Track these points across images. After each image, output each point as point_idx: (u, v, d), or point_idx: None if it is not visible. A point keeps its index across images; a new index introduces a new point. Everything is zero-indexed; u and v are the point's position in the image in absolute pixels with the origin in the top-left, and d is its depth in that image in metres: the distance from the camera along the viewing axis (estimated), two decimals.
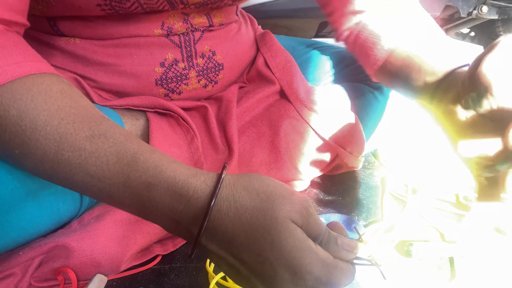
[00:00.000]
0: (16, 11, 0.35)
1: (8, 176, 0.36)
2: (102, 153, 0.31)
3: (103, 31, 0.49)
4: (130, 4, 0.45)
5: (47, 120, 0.31)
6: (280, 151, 0.60)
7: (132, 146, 0.32)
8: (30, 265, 0.44)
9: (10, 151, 0.32)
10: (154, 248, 0.53)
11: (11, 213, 0.38)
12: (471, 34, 1.85)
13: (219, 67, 0.59)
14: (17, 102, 0.31)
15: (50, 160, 0.31)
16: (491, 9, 1.47)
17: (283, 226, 0.28)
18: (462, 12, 1.45)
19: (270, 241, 0.28)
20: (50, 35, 0.50)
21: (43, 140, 0.31)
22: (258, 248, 0.29)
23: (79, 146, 0.31)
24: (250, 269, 0.30)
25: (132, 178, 0.30)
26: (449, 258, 0.54)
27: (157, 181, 0.30)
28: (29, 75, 0.32)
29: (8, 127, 0.31)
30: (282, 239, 0.28)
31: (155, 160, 0.31)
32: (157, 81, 0.54)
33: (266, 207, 0.29)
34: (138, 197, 0.31)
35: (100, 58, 0.51)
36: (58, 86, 0.33)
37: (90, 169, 0.31)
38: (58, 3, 0.43)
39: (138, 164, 0.31)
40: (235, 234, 0.29)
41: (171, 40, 0.53)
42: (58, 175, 0.32)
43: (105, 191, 0.31)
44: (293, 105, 0.62)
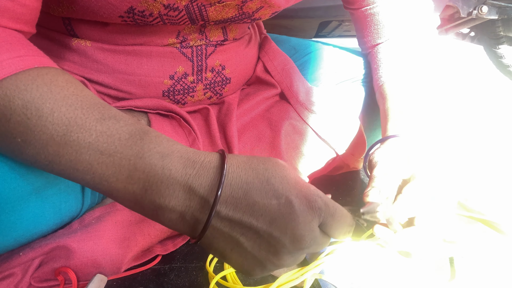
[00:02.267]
0: (24, 20, 0.35)
1: (10, 175, 0.36)
2: (115, 131, 0.31)
3: (118, 35, 0.49)
4: (152, 19, 0.45)
5: (53, 107, 0.31)
6: (280, 152, 0.60)
7: (142, 126, 0.33)
8: (30, 266, 0.44)
9: (12, 140, 0.32)
10: (154, 248, 0.53)
11: (13, 212, 0.38)
12: (471, 34, 1.85)
13: (227, 81, 0.59)
14: (22, 93, 0.31)
15: (56, 143, 0.31)
16: (491, 9, 1.47)
17: (285, 166, 0.33)
18: (462, 12, 1.45)
19: (279, 177, 0.32)
20: (63, 34, 0.49)
21: (50, 125, 0.31)
22: (272, 187, 0.31)
23: (89, 127, 0.31)
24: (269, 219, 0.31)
25: (145, 149, 0.31)
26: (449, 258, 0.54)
27: (170, 151, 0.32)
28: (34, 68, 0.32)
29: (12, 117, 0.31)
30: (287, 174, 0.32)
31: (165, 137, 0.33)
32: (164, 93, 0.54)
33: (266, 158, 0.34)
34: (150, 167, 0.30)
35: (110, 64, 0.50)
36: (63, 77, 0.33)
37: (100, 146, 0.31)
38: (80, 10, 0.43)
39: (151, 138, 0.32)
40: (249, 182, 0.31)
41: (183, 53, 0.53)
42: (61, 158, 0.31)
43: (113, 166, 0.31)
44: (293, 107, 0.62)
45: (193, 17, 0.47)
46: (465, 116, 0.85)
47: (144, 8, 0.43)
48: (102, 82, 0.51)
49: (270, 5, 0.51)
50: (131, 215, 0.50)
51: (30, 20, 0.36)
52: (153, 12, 0.44)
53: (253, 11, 0.51)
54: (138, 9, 0.42)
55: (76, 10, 0.43)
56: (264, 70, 0.66)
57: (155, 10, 0.43)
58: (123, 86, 0.52)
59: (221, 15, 0.49)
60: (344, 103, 0.65)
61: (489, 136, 0.88)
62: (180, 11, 0.45)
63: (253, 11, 0.51)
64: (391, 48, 0.62)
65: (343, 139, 0.62)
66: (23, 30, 0.36)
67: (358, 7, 0.63)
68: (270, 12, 0.53)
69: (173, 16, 0.46)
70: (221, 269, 0.51)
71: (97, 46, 0.49)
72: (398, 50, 0.62)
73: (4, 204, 0.36)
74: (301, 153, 0.61)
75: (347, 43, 1.48)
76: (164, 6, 0.43)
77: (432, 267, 0.53)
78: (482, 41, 1.79)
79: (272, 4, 0.51)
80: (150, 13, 0.44)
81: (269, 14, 0.54)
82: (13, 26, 0.34)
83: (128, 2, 0.41)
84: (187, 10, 0.46)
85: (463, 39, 1.85)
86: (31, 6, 0.35)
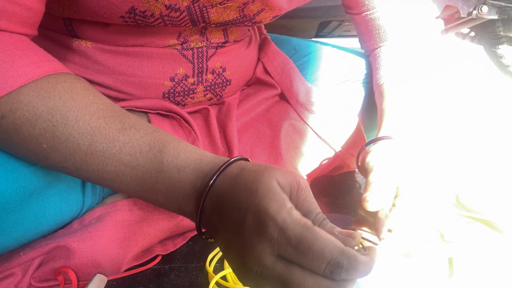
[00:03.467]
0: (29, 24, 0.36)
1: (12, 176, 0.36)
2: (136, 142, 0.34)
3: (119, 36, 0.49)
4: (153, 20, 0.45)
5: (78, 116, 0.33)
6: (280, 152, 0.60)
7: (161, 135, 0.35)
8: (30, 265, 0.44)
9: (37, 146, 0.33)
10: (154, 248, 0.53)
11: (14, 213, 0.38)
12: (471, 34, 1.85)
13: (227, 83, 0.59)
14: (45, 100, 0.32)
15: (83, 153, 0.33)
16: (491, 9, 1.46)
17: (264, 181, 0.29)
18: (462, 12, 1.45)
19: (249, 191, 0.29)
20: (64, 35, 0.49)
21: (76, 134, 0.33)
22: (237, 200, 0.29)
23: (112, 137, 0.33)
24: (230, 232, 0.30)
25: (165, 163, 0.33)
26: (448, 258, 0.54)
27: (186, 164, 0.33)
28: (50, 74, 0.33)
29: (37, 123, 0.32)
30: (258, 190, 0.28)
31: (183, 146, 0.35)
32: (164, 94, 0.54)
33: (260, 169, 0.31)
34: (169, 180, 0.33)
35: (111, 65, 0.50)
36: (81, 84, 0.35)
37: (124, 158, 0.33)
38: (81, 10, 0.43)
39: (169, 150, 0.34)
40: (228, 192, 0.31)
41: (184, 55, 0.53)
42: (89, 167, 0.34)
43: (137, 178, 0.34)
44: (293, 107, 0.62)
45: (194, 19, 0.47)
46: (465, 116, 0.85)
47: (146, 9, 0.43)
48: (103, 83, 0.51)
49: (271, 7, 0.51)
50: (131, 215, 0.50)
51: (35, 23, 0.37)
52: (155, 12, 0.43)
53: (254, 13, 0.51)
54: (140, 9, 0.42)
55: (77, 10, 0.43)
56: (264, 71, 0.66)
57: (156, 11, 0.43)
58: (123, 88, 0.52)
59: (222, 17, 0.49)
60: (344, 103, 0.65)
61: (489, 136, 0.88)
62: (181, 12, 0.45)
63: (254, 13, 0.51)
64: (392, 50, 0.63)
65: (342, 139, 0.62)
66: (28, 33, 0.36)
67: (358, 12, 0.64)
68: (271, 16, 0.53)
69: (174, 17, 0.46)
70: (221, 269, 0.51)
71: (97, 47, 0.49)
72: (399, 52, 0.63)
73: (5, 204, 0.36)
74: (301, 153, 0.61)
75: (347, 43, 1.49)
76: (166, 7, 0.43)
77: (431, 266, 0.53)
78: (482, 41, 1.79)
79: (273, 6, 0.51)
80: (151, 13, 0.43)
81: (270, 18, 0.54)
82: (19, 30, 0.34)
83: (129, 2, 0.41)
84: (189, 11, 0.46)
85: (463, 39, 1.85)
86: (37, 10, 0.35)
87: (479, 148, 0.80)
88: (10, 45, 0.32)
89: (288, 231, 0.26)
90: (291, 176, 0.30)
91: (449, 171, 0.73)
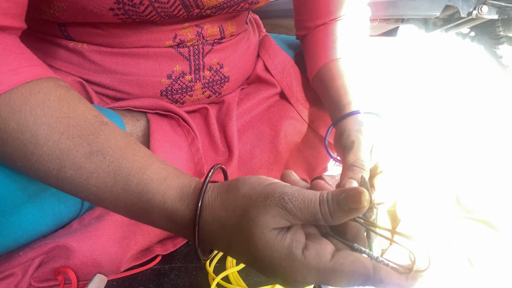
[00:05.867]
0: (12, 15, 0.35)
1: (11, 178, 0.36)
2: (101, 173, 0.32)
3: (114, 40, 0.49)
4: (144, 8, 0.44)
5: (48, 134, 0.31)
6: (281, 152, 0.60)
7: (126, 164, 0.33)
8: (30, 265, 0.44)
9: (12, 164, 0.33)
10: (154, 248, 0.53)
11: (13, 214, 0.38)
12: (471, 34, 1.85)
13: (225, 79, 0.59)
14: (16, 115, 0.31)
15: (54, 176, 0.32)
16: (491, 9, 1.47)
17: (259, 240, 0.28)
18: (462, 12, 1.45)
19: (251, 255, 0.29)
20: (59, 38, 0.49)
21: (45, 156, 0.32)
22: (247, 257, 0.30)
23: (80, 164, 0.32)
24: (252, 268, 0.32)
25: (129, 204, 0.33)
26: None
27: (150, 208, 0.32)
28: (26, 83, 0.32)
29: (9, 141, 0.31)
30: (259, 253, 0.28)
31: (146, 182, 0.32)
32: (162, 92, 0.54)
33: (242, 224, 0.29)
34: (140, 219, 0.34)
35: (107, 65, 0.50)
36: (55, 93, 0.33)
37: (92, 190, 0.33)
38: (70, 7, 0.42)
39: (132, 189, 0.32)
40: (226, 248, 0.32)
41: (180, 52, 0.52)
42: (64, 190, 0.34)
43: (110, 207, 0.34)
44: (293, 106, 0.62)
45: (186, 3, 0.46)
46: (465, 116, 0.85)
47: None
48: (100, 83, 0.51)
49: None
50: None
51: (18, 14, 0.36)
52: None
53: None
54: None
55: (67, 8, 0.42)
56: (265, 69, 0.66)
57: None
58: (120, 86, 0.52)
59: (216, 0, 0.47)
60: None
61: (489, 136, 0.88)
62: None
63: None
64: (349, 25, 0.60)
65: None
66: (14, 26, 0.35)
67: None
68: None
69: (164, 3, 0.44)
70: (221, 269, 0.51)
71: (93, 49, 0.49)
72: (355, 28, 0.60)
73: (3, 206, 0.36)
74: (301, 153, 0.61)
75: None
76: None
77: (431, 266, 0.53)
78: (482, 41, 1.79)
79: None
80: (140, 1, 0.42)
81: None
82: (2, 22, 0.33)
83: None
84: None
85: (463, 39, 1.85)
86: (16, 0, 0.34)
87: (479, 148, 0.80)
88: None
89: (313, 281, 0.28)
90: (274, 209, 0.28)
91: (449, 172, 0.73)
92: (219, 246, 0.32)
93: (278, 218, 0.28)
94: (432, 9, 1.43)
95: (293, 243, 0.28)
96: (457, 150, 0.75)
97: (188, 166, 0.53)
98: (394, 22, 1.53)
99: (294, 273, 0.28)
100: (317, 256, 0.28)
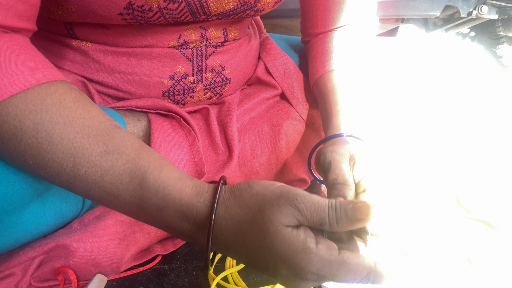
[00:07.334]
0: (27, 17, 0.35)
1: (15, 177, 0.36)
2: (117, 171, 0.33)
3: (119, 39, 0.49)
4: (152, 14, 0.44)
5: (63, 133, 0.32)
6: (281, 152, 0.60)
7: (143, 163, 0.33)
8: (30, 265, 0.44)
9: (24, 161, 0.33)
10: (154, 248, 0.53)
11: (15, 213, 0.38)
12: (471, 34, 1.85)
13: (227, 81, 0.59)
14: (32, 114, 0.31)
15: (67, 174, 0.33)
16: (491, 9, 1.47)
17: (275, 235, 0.30)
18: (462, 12, 1.45)
19: (267, 249, 0.30)
20: (63, 36, 0.49)
21: (60, 154, 0.32)
22: (259, 255, 0.31)
23: (94, 162, 0.32)
24: (256, 267, 0.33)
25: (144, 200, 0.33)
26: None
27: (165, 204, 0.33)
28: (42, 83, 0.33)
29: (23, 138, 0.31)
30: (276, 246, 0.30)
31: (163, 180, 0.33)
32: (164, 93, 0.54)
33: (258, 220, 0.30)
34: (152, 217, 0.34)
35: (110, 64, 0.50)
36: (71, 95, 0.34)
37: (105, 187, 0.33)
38: (79, 10, 0.42)
39: (149, 185, 0.33)
40: (238, 245, 0.32)
41: (184, 53, 0.52)
42: (74, 188, 0.34)
43: (120, 206, 0.34)
44: (293, 107, 0.62)
45: (193, 10, 0.46)
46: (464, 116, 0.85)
47: (143, 2, 0.42)
48: (102, 82, 0.51)
49: None
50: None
51: (32, 16, 0.36)
52: (153, 6, 0.43)
53: (255, 0, 0.50)
54: (137, 4, 0.42)
55: (76, 11, 0.43)
56: (266, 71, 0.66)
57: (154, 4, 0.43)
58: (123, 86, 0.52)
59: (222, 6, 0.48)
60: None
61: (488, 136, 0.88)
62: (179, 3, 0.45)
63: (255, 0, 0.50)
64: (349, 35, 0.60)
65: None
66: (27, 28, 0.36)
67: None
68: (273, 1, 0.52)
69: (173, 10, 0.45)
70: (221, 269, 0.51)
71: (97, 48, 0.49)
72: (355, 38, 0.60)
73: (6, 206, 0.36)
74: (301, 153, 0.61)
75: None
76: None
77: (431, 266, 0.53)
78: (482, 41, 1.79)
79: None
80: (149, 7, 0.43)
81: (272, 3, 0.52)
82: (18, 24, 0.34)
83: None
84: (187, 2, 0.45)
85: (463, 39, 1.85)
86: (32, 2, 0.35)
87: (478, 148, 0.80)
88: (7, 50, 0.32)
89: (325, 274, 0.30)
90: (288, 207, 0.30)
91: (449, 172, 0.73)
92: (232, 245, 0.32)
93: (290, 217, 0.30)
94: (432, 9, 1.43)
95: (307, 238, 0.30)
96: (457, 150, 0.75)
97: (188, 166, 0.53)
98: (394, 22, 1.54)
99: (310, 264, 0.29)
100: (328, 249, 0.30)
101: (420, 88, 0.63)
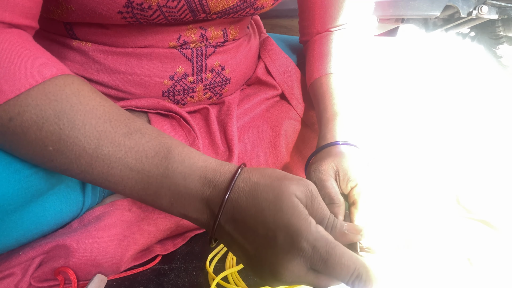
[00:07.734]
0: (32, 15, 0.36)
1: (15, 177, 0.36)
2: (141, 147, 0.34)
3: (119, 39, 0.49)
4: (152, 12, 0.44)
5: (85, 119, 0.33)
6: (281, 152, 0.60)
7: (166, 140, 0.35)
8: (30, 265, 0.44)
9: (43, 148, 0.33)
10: (154, 248, 0.53)
11: (16, 213, 0.38)
12: (471, 34, 1.85)
13: (226, 81, 0.59)
14: (52, 103, 0.32)
15: (89, 156, 0.33)
16: (491, 9, 1.47)
17: (286, 199, 0.32)
18: (462, 12, 1.45)
19: (273, 210, 0.31)
20: (63, 36, 0.49)
21: (82, 138, 0.33)
22: (263, 219, 0.32)
23: (118, 142, 0.34)
24: (255, 246, 0.33)
25: (170, 169, 0.34)
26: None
27: (191, 171, 0.34)
28: (58, 76, 0.34)
29: (45, 126, 0.32)
30: (283, 208, 0.31)
31: (187, 152, 0.35)
32: (164, 93, 0.54)
33: (275, 184, 0.33)
34: (175, 186, 0.34)
35: (110, 64, 0.50)
36: (88, 86, 0.35)
37: (130, 163, 0.34)
38: (79, 9, 0.43)
39: (174, 156, 0.34)
40: (248, 207, 0.33)
41: (183, 54, 0.52)
42: (94, 170, 0.34)
43: (142, 182, 0.34)
44: (293, 107, 0.62)
45: (193, 8, 0.46)
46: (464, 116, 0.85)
47: (143, 1, 0.42)
48: (102, 82, 0.51)
49: None
50: (131, 214, 0.50)
51: (36, 14, 0.37)
52: (152, 4, 0.43)
53: None
54: (136, 2, 0.42)
55: (75, 9, 0.43)
56: (266, 71, 0.66)
57: (153, 2, 0.43)
58: (123, 86, 0.52)
59: (222, 4, 0.48)
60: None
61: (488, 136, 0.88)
62: (179, 0, 0.44)
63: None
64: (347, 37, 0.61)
65: None
66: (32, 26, 0.36)
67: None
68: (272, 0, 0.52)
69: (172, 8, 0.45)
70: (221, 269, 0.51)
71: (97, 48, 0.49)
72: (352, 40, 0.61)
73: (7, 206, 0.36)
74: (301, 153, 0.61)
75: None
76: None
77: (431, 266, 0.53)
78: (482, 41, 1.79)
79: None
80: (149, 5, 0.43)
81: (271, 1, 0.52)
82: (23, 22, 0.35)
83: None
84: (186, 0, 0.45)
85: (463, 39, 1.85)
86: (36, 0, 0.36)
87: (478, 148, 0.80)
88: (18, 44, 0.33)
89: (320, 248, 0.31)
90: (304, 187, 0.33)
91: (449, 172, 0.73)
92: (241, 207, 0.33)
93: (303, 195, 0.33)
94: (432, 9, 1.43)
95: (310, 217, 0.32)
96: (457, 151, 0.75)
97: None
98: (394, 22, 1.54)
99: (309, 232, 0.30)
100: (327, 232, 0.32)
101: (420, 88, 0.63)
